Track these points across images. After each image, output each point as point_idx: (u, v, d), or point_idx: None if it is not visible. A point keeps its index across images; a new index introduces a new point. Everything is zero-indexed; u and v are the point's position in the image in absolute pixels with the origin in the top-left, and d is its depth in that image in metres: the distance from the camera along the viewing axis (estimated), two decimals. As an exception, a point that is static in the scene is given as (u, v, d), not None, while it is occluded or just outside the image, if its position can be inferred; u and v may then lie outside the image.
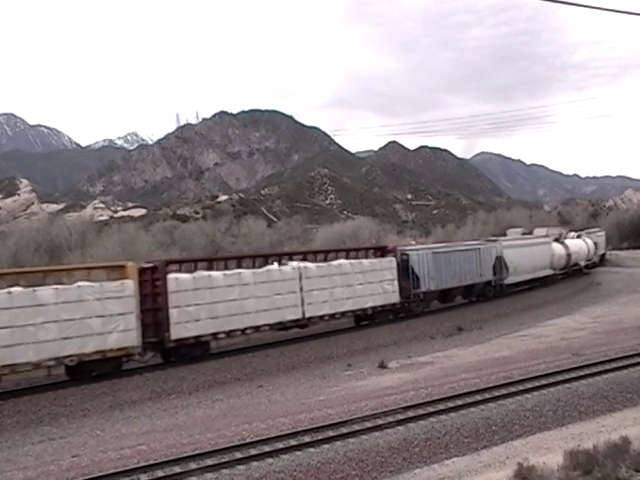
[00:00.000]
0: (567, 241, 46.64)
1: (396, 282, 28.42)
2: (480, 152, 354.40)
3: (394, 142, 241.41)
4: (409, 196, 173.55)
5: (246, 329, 22.68)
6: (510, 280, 36.79)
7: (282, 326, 24.06)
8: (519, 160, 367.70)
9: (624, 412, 12.93)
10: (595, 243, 52.64)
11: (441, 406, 13.47)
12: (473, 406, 13.40)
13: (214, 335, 21.89)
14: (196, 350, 21.43)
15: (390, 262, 28.67)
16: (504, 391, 14.40)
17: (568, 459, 9.59)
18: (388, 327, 27.88)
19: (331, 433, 12.02)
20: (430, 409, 13.29)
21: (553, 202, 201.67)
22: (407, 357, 22.34)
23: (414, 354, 22.87)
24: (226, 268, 23.43)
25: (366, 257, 28.74)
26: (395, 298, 28.43)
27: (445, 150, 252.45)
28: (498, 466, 10.28)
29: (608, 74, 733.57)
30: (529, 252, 38.83)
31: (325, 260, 26.99)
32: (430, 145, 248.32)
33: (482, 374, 16.86)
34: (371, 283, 27.18)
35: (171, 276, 20.96)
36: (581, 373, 15.69)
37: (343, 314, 26.45)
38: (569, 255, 44.74)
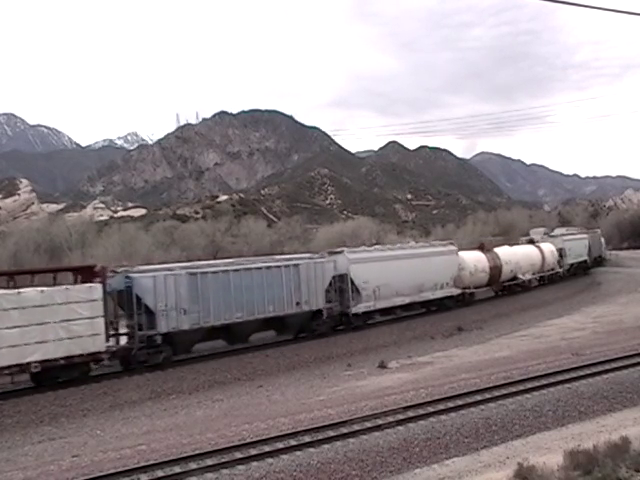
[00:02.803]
0: (498, 250, 37.23)
1: (101, 321, 19.52)
2: (480, 152, 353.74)
3: (394, 142, 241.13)
4: (409, 196, 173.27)
5: None
6: (364, 307, 27.21)
7: None
8: (519, 160, 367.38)
9: (624, 412, 12.94)
10: (560, 249, 42.70)
11: (441, 406, 13.49)
12: (473, 406, 13.42)
13: None
14: None
15: (88, 291, 19.49)
16: (504, 391, 14.42)
17: (568, 459, 9.60)
18: (388, 327, 27.89)
19: (331, 433, 12.05)
20: (430, 409, 13.31)
21: (553, 202, 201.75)
22: (407, 357, 22.38)
23: (414, 354, 22.91)
24: None
25: (55, 282, 19.87)
26: (98, 345, 19.41)
27: (445, 150, 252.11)
28: (498, 466, 10.29)
29: (609, 74, 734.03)
30: (404, 267, 29.17)
31: None
32: (430, 145, 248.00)
33: (482, 374, 16.88)
34: (41, 324, 18.25)
35: None
36: (581, 373, 15.72)
37: None
38: (496, 268, 35.51)
